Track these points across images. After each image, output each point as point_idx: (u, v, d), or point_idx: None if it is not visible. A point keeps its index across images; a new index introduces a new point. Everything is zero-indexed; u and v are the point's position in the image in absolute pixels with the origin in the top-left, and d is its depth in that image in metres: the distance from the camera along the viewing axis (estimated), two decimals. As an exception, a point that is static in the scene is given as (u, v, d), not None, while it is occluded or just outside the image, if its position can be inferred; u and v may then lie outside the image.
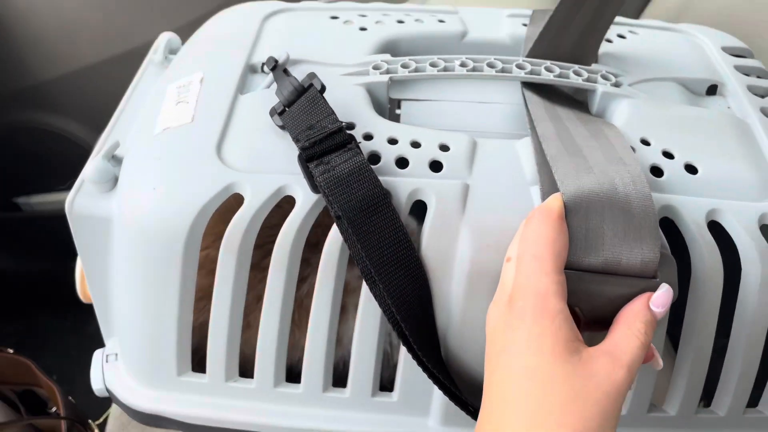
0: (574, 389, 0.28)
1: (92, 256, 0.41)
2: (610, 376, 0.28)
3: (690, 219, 0.35)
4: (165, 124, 0.40)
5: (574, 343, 0.29)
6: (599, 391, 0.28)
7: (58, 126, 0.93)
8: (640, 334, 0.30)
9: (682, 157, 0.37)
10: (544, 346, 0.29)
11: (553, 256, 0.30)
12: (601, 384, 0.28)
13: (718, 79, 0.45)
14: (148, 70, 0.49)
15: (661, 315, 0.31)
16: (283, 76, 0.39)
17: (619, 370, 0.29)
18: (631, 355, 0.29)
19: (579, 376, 0.28)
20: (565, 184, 0.33)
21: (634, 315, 0.31)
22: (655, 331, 0.31)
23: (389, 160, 0.37)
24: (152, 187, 0.37)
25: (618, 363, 0.29)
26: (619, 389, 0.28)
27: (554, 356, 0.28)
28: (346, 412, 0.40)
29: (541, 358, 0.29)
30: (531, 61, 0.41)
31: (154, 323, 0.39)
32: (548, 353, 0.29)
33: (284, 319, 0.38)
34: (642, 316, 0.31)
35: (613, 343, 0.30)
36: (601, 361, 0.29)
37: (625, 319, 0.31)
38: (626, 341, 0.30)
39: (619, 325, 0.31)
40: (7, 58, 0.88)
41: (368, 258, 0.34)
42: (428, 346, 0.36)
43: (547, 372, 0.28)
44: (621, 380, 0.28)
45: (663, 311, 0.31)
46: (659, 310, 0.31)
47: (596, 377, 0.28)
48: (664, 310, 0.31)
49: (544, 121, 0.38)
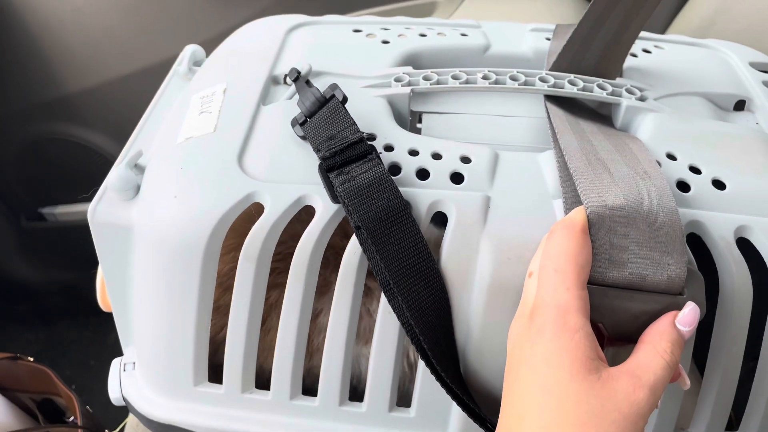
0: (591, 409, 0.27)
1: (113, 264, 0.41)
2: (629, 396, 0.27)
3: (718, 235, 0.34)
4: (187, 134, 0.40)
5: (594, 361, 0.28)
6: (617, 412, 0.27)
7: (84, 137, 0.95)
8: (665, 354, 0.29)
9: (710, 172, 0.36)
10: (562, 362, 0.28)
11: (575, 271, 0.30)
12: (620, 405, 0.27)
13: (745, 94, 0.44)
14: (173, 82, 0.49)
15: (689, 335, 0.30)
16: (305, 87, 0.39)
17: (639, 391, 0.28)
18: (654, 376, 0.28)
19: (597, 395, 0.27)
20: (589, 197, 0.32)
21: (660, 334, 0.30)
22: (682, 351, 0.30)
23: (410, 171, 0.36)
24: (173, 196, 0.37)
25: (639, 383, 0.28)
26: (640, 411, 0.27)
27: (572, 374, 0.28)
28: (362, 426, 0.40)
29: (559, 375, 0.28)
30: (554, 74, 0.41)
31: (172, 332, 0.39)
32: (566, 370, 0.28)
33: (302, 331, 0.37)
34: (668, 335, 0.30)
35: (635, 363, 0.29)
36: (622, 381, 0.28)
37: (650, 339, 0.30)
38: (650, 361, 0.29)
39: (644, 345, 0.30)
40: (36, 70, 0.90)
41: (387, 269, 0.33)
42: (447, 360, 0.35)
43: (564, 389, 0.28)
44: (642, 401, 0.28)
45: (690, 330, 0.30)
46: (686, 329, 0.30)
47: (615, 398, 0.27)
48: (690, 329, 0.30)
49: (567, 134, 0.38)
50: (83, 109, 0.93)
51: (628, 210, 0.32)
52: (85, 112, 0.93)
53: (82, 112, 0.93)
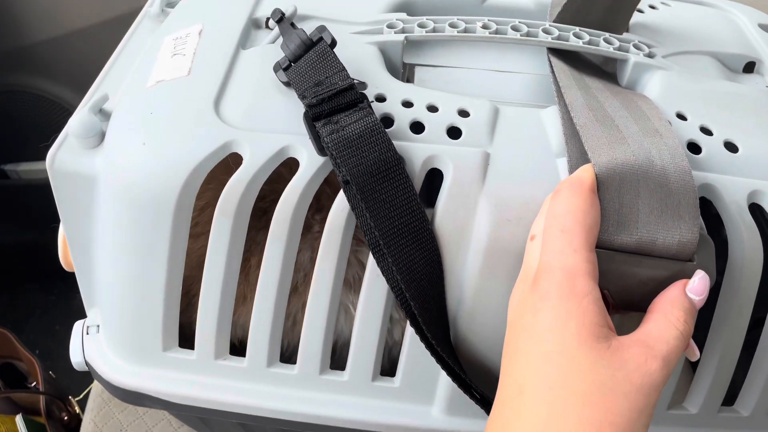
0: (600, 379, 0.25)
1: (75, 219, 0.38)
2: (641, 367, 0.25)
3: (730, 200, 0.32)
4: (159, 77, 0.37)
5: (603, 328, 0.26)
6: (629, 383, 0.25)
7: (49, 90, 0.90)
8: (678, 323, 0.27)
9: (722, 134, 0.34)
10: (568, 330, 0.26)
11: (583, 231, 0.27)
12: (632, 376, 0.25)
13: (756, 56, 0.42)
14: (143, 23, 0.46)
15: (700, 304, 0.28)
16: (290, 29, 0.36)
17: (652, 362, 0.26)
18: (667, 346, 0.26)
19: (606, 365, 0.25)
20: (597, 154, 0.30)
21: (671, 302, 0.28)
22: (693, 325, 0.28)
23: (403, 124, 0.34)
24: (141, 143, 0.33)
25: (651, 353, 0.26)
26: (653, 383, 0.25)
27: (579, 341, 0.25)
28: (343, 396, 0.37)
29: (565, 343, 0.26)
30: (558, 26, 0.38)
31: (140, 292, 0.36)
32: (572, 338, 0.26)
33: (281, 292, 0.34)
34: (679, 303, 0.28)
35: (647, 333, 0.27)
36: (633, 350, 0.26)
37: (661, 307, 0.28)
38: (663, 330, 0.27)
39: (655, 314, 0.28)
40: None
41: (377, 228, 0.31)
42: (437, 326, 0.33)
43: (570, 358, 0.25)
44: (655, 373, 0.26)
45: (701, 299, 0.28)
46: (697, 298, 0.28)
47: (626, 368, 0.25)
48: (701, 298, 0.28)
49: (572, 89, 0.35)
50: (48, 60, 0.88)
51: (639, 169, 0.29)
52: (50, 63, 0.88)
53: (46, 64, 0.88)
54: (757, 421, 0.38)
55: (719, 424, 0.38)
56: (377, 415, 0.37)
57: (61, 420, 0.70)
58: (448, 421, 0.37)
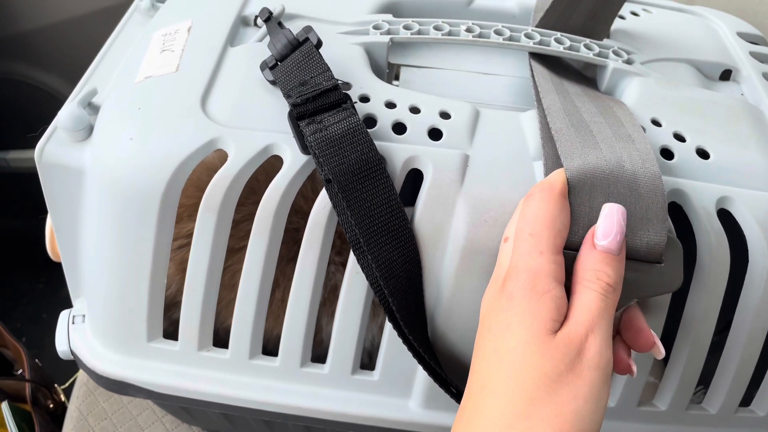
0: (544, 372, 0.26)
1: (62, 210, 0.38)
2: (577, 347, 0.26)
3: (699, 205, 0.33)
4: (147, 73, 0.37)
5: (556, 323, 0.27)
6: (571, 372, 0.25)
7: (38, 79, 0.90)
8: (592, 283, 0.27)
9: (694, 140, 0.35)
10: (523, 327, 0.27)
11: (551, 235, 0.28)
12: (573, 364, 0.26)
13: (732, 64, 0.43)
14: (133, 18, 0.46)
15: (616, 246, 0.28)
16: (277, 29, 0.36)
17: (584, 339, 0.26)
18: (590, 314, 0.26)
19: (550, 356, 0.26)
20: (570, 159, 0.31)
21: (582, 267, 0.28)
22: (611, 273, 0.27)
23: (386, 124, 0.34)
24: (129, 138, 0.34)
25: (583, 329, 0.26)
26: (590, 362, 0.25)
27: (529, 337, 0.26)
28: (324, 389, 0.38)
29: (519, 339, 0.26)
30: (540, 31, 0.39)
31: (125, 283, 0.37)
32: (526, 334, 0.26)
33: (264, 287, 0.35)
34: (589, 262, 0.28)
35: (572, 309, 0.27)
36: (569, 337, 0.26)
37: (576, 279, 0.28)
38: (583, 299, 0.27)
39: (575, 287, 0.28)
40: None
41: (358, 226, 0.31)
42: (415, 323, 0.34)
43: (521, 354, 0.26)
44: (590, 350, 0.26)
45: (613, 242, 0.28)
46: (605, 242, 0.28)
47: (567, 357, 0.26)
48: (612, 240, 0.28)
49: (550, 93, 0.36)
50: (38, 49, 0.88)
51: (610, 174, 0.30)
52: (41, 51, 0.88)
53: (36, 52, 0.88)
54: (724, 419, 0.39)
55: (688, 421, 0.39)
56: (356, 407, 0.38)
57: (46, 407, 0.71)
58: (425, 414, 0.38)
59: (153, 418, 0.53)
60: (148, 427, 0.53)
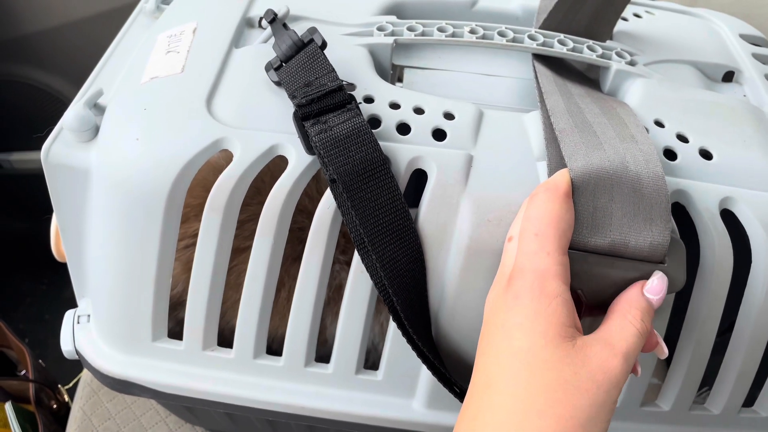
0: (563, 376, 0.26)
1: (68, 210, 0.38)
2: (603, 365, 0.27)
3: (702, 206, 0.33)
4: (153, 74, 0.37)
5: (570, 328, 0.27)
6: (590, 380, 0.26)
7: (42, 81, 0.90)
8: (636, 321, 0.28)
9: (697, 141, 0.35)
10: (536, 328, 0.27)
11: (556, 235, 0.29)
12: (594, 373, 0.26)
13: (735, 65, 0.43)
14: (139, 20, 0.46)
15: (658, 303, 0.30)
16: (282, 30, 0.37)
17: (612, 359, 0.27)
18: (626, 344, 0.27)
19: (569, 363, 0.26)
20: (574, 159, 0.31)
21: (629, 302, 0.29)
22: (653, 318, 0.29)
23: (390, 125, 0.35)
24: (135, 138, 0.34)
25: (612, 351, 0.27)
26: (613, 380, 0.27)
27: (546, 339, 0.27)
28: (328, 388, 0.38)
29: (532, 340, 0.27)
30: (544, 32, 0.39)
31: (130, 283, 0.37)
32: (540, 336, 0.27)
33: (268, 286, 0.35)
34: (636, 303, 0.29)
35: (608, 331, 0.28)
36: (596, 349, 0.27)
37: (620, 308, 0.29)
38: (621, 329, 0.28)
39: (614, 313, 0.29)
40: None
41: (362, 225, 0.32)
42: (419, 322, 0.34)
43: (536, 355, 0.27)
44: (615, 370, 0.27)
45: (658, 299, 0.30)
46: (654, 297, 0.30)
47: (588, 366, 0.27)
48: (659, 297, 0.30)
49: (554, 95, 0.36)
50: (42, 51, 0.88)
51: (613, 174, 0.30)
52: (45, 54, 0.88)
53: (40, 54, 0.88)
54: (728, 419, 0.39)
55: (691, 421, 0.39)
56: (360, 407, 0.38)
57: (50, 408, 0.71)
58: (429, 414, 0.39)
59: (156, 419, 0.54)
60: (152, 427, 0.53)
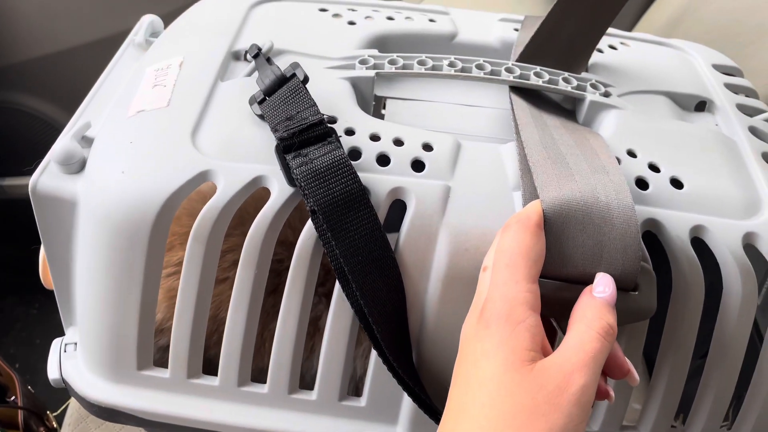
0: (521, 402, 0.26)
1: (55, 240, 0.39)
2: (561, 384, 0.26)
3: (674, 234, 0.34)
4: (139, 107, 0.38)
5: (531, 352, 0.27)
6: (548, 404, 0.26)
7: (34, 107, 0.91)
8: (592, 324, 0.28)
9: (668, 171, 0.37)
10: (499, 355, 0.27)
11: (527, 265, 0.29)
12: (551, 396, 0.26)
13: (707, 95, 0.44)
14: (128, 52, 0.47)
15: (611, 299, 0.29)
16: (266, 65, 0.38)
17: (570, 377, 0.26)
18: (584, 354, 0.27)
19: (527, 388, 0.26)
20: (546, 191, 0.32)
21: (581, 310, 0.29)
22: (611, 320, 0.28)
23: (370, 156, 0.36)
24: (121, 171, 0.35)
25: (570, 368, 0.26)
26: (572, 399, 0.26)
27: (506, 366, 0.27)
28: (312, 415, 0.39)
29: (495, 368, 0.27)
30: (520, 65, 0.41)
31: (116, 313, 0.37)
32: (501, 363, 0.27)
33: (252, 316, 0.36)
34: (589, 306, 0.29)
35: (566, 346, 0.28)
36: (552, 370, 0.27)
37: (574, 319, 0.29)
38: (579, 341, 0.27)
39: (570, 328, 0.29)
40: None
41: (342, 256, 0.32)
42: (400, 350, 0.35)
43: (498, 383, 0.27)
44: (574, 387, 0.26)
45: (609, 294, 0.29)
46: (604, 294, 0.29)
47: (546, 388, 0.26)
48: (609, 292, 0.29)
49: (529, 126, 0.37)
50: (35, 78, 0.89)
51: (584, 205, 0.31)
52: (37, 81, 0.89)
53: (33, 81, 0.89)
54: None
55: (669, 445, 0.39)
56: (343, 433, 0.39)
57: (38, 435, 0.71)
58: (412, 439, 0.39)
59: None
60: (139, 454, 0.53)
